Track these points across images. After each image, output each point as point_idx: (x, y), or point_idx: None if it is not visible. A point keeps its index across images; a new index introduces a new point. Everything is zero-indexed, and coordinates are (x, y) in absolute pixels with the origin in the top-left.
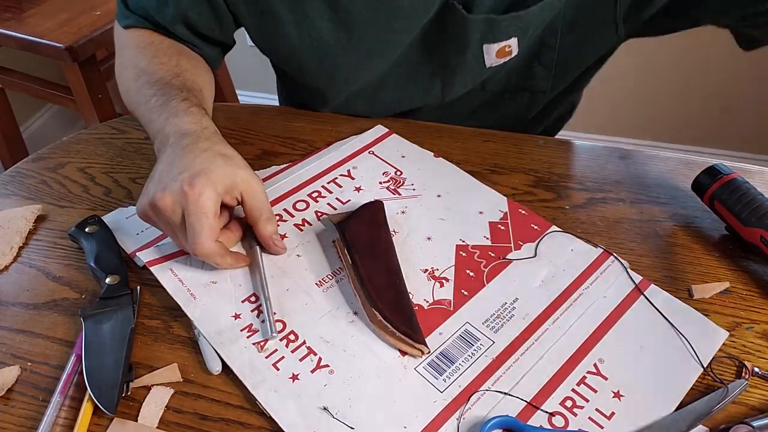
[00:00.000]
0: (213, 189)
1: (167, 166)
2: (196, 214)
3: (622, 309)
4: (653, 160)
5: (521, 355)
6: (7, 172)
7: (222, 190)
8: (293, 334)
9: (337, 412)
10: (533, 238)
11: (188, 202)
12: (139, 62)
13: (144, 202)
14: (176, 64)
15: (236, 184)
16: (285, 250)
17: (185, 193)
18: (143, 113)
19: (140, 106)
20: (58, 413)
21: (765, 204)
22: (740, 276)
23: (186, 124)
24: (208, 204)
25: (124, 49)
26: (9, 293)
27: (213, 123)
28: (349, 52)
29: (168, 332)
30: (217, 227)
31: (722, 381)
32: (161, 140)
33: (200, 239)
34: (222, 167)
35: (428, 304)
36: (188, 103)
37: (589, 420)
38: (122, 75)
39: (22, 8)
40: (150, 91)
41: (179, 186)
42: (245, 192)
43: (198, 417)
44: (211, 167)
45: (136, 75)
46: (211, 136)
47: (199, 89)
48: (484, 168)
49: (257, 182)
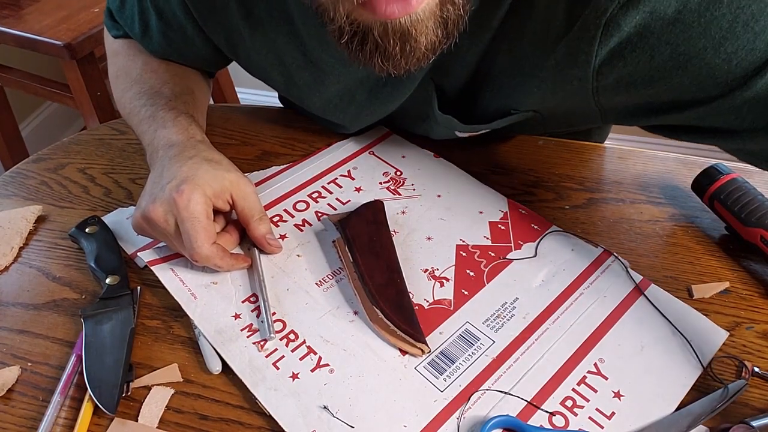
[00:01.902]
0: (201, 193)
1: (156, 178)
2: (189, 219)
3: (622, 309)
4: (653, 160)
5: (521, 355)
6: (7, 172)
7: (211, 193)
8: (293, 333)
9: (337, 411)
10: (533, 238)
11: (179, 209)
12: (130, 71)
13: (137, 216)
14: (166, 69)
15: (225, 188)
16: (280, 248)
17: (174, 200)
18: (135, 125)
19: (132, 117)
20: (58, 413)
21: (765, 204)
22: (740, 276)
23: (173, 135)
24: (198, 208)
25: (116, 56)
26: (9, 293)
27: (201, 130)
28: (321, 94)
29: (168, 332)
30: (212, 230)
31: (722, 381)
32: (151, 153)
33: (197, 243)
34: (209, 172)
35: (428, 304)
36: (176, 112)
37: (589, 420)
38: (115, 84)
39: (20, 5)
40: (140, 101)
41: (168, 195)
42: (235, 194)
43: (198, 417)
44: (197, 173)
45: (129, 84)
46: (196, 145)
47: (190, 92)
48: (484, 168)
49: (247, 184)
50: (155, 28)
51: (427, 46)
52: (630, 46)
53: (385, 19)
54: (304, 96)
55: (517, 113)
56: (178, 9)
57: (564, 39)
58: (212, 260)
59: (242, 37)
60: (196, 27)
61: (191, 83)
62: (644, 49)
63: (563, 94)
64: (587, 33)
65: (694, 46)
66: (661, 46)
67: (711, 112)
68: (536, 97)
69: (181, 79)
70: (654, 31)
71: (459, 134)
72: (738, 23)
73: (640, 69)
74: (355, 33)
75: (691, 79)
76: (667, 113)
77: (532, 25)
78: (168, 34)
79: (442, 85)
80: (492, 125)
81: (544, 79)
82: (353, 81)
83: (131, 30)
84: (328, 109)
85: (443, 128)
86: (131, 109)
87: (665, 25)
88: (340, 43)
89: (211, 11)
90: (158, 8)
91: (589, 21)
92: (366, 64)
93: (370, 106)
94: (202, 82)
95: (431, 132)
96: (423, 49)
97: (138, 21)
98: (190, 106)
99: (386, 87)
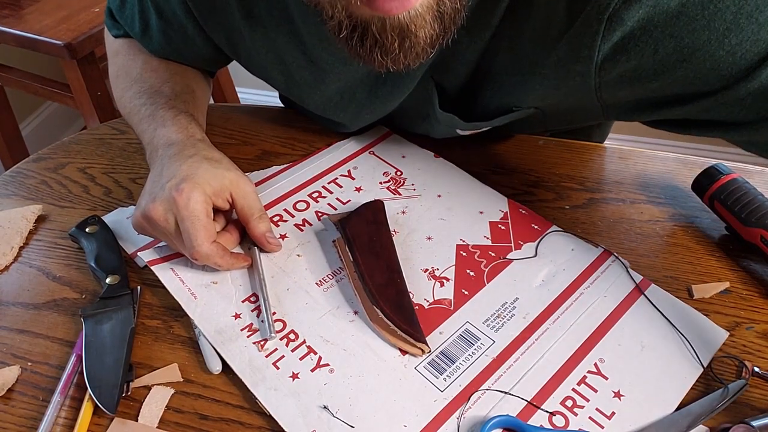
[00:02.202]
0: (201, 191)
1: (156, 177)
2: (189, 218)
3: (623, 309)
4: (653, 160)
5: (521, 355)
6: (7, 172)
7: (211, 191)
8: (293, 333)
9: (337, 411)
10: (533, 238)
11: (179, 207)
12: (131, 71)
13: (137, 215)
14: (166, 68)
15: (225, 186)
16: (280, 247)
17: (174, 199)
18: (135, 123)
19: (132, 116)
20: (58, 413)
21: (765, 204)
22: (740, 276)
23: (173, 134)
24: (197, 207)
25: (116, 55)
26: (9, 293)
27: (201, 129)
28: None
29: (168, 332)
30: (212, 228)
31: (722, 381)
32: (151, 152)
33: (197, 241)
34: (208, 171)
35: (429, 304)
36: (175, 111)
37: (589, 420)
38: (116, 83)
39: (20, 5)
40: (140, 100)
41: (167, 194)
42: (234, 193)
43: (198, 417)
44: (197, 172)
45: (129, 84)
46: (196, 143)
47: (190, 91)
48: (485, 168)
49: (246, 182)
50: (155, 28)
51: (426, 40)
52: (633, 40)
53: (383, 15)
54: (305, 95)
55: (519, 110)
56: (179, 8)
57: (565, 35)
58: (212, 259)
59: (242, 36)
60: (197, 26)
61: (191, 82)
62: (648, 43)
63: (565, 90)
64: (589, 29)
65: (698, 39)
66: (665, 40)
67: (715, 105)
68: (538, 94)
69: (182, 78)
70: (658, 25)
71: (460, 132)
72: (742, 15)
73: (644, 63)
74: (354, 28)
75: (695, 72)
76: (671, 107)
77: (532, 23)
78: (168, 33)
79: (442, 83)
80: (493, 122)
81: (546, 75)
82: (353, 79)
83: (131, 29)
84: (328, 107)
85: (444, 126)
86: (131, 108)
87: (669, 18)
88: (339, 39)
89: (211, 11)
90: (158, 8)
91: (591, 17)
92: (366, 61)
93: (370, 105)
94: (202, 82)
95: (432, 131)
96: (422, 44)
97: (138, 20)
98: (190, 105)
99: (386, 85)
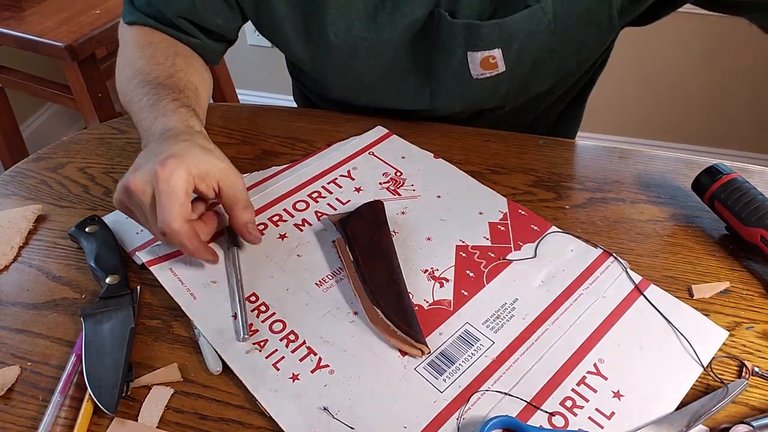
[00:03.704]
0: (185, 169)
1: (145, 153)
2: (167, 192)
3: (622, 309)
4: (653, 160)
5: (521, 355)
6: (7, 172)
7: (196, 172)
8: (293, 334)
9: (338, 412)
10: (533, 239)
11: (159, 180)
12: (136, 61)
13: (118, 187)
14: (172, 64)
15: (212, 172)
16: (260, 240)
17: (156, 172)
18: (135, 112)
19: (133, 104)
20: (58, 413)
21: (765, 204)
22: (740, 276)
23: (172, 122)
24: (179, 183)
25: (125, 46)
26: (9, 293)
27: (201, 123)
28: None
29: (168, 332)
30: (189, 208)
31: (722, 381)
32: (147, 138)
33: (170, 215)
34: (199, 155)
35: (428, 305)
36: (178, 104)
37: (589, 420)
38: (120, 72)
39: (21, 7)
40: (143, 90)
41: (151, 166)
42: (223, 182)
43: (198, 417)
44: (187, 153)
45: (133, 74)
46: (194, 134)
47: (193, 88)
48: (484, 168)
49: (237, 175)
50: None
51: None
52: None
53: None
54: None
55: (534, 5)
56: None
57: None
58: (180, 237)
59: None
60: None
61: (195, 81)
62: None
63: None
64: None
65: None
66: None
67: None
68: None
69: (186, 74)
70: None
71: (475, 74)
72: None
73: None
74: None
75: None
76: None
77: None
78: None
79: (454, 12)
80: (506, 20)
81: None
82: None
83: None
84: (341, 24)
85: (458, 50)
86: (133, 96)
87: None
88: None
89: None
90: None
91: None
92: None
93: (368, 34)
94: (205, 81)
95: (440, 85)
96: None
97: None
98: (193, 101)
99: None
